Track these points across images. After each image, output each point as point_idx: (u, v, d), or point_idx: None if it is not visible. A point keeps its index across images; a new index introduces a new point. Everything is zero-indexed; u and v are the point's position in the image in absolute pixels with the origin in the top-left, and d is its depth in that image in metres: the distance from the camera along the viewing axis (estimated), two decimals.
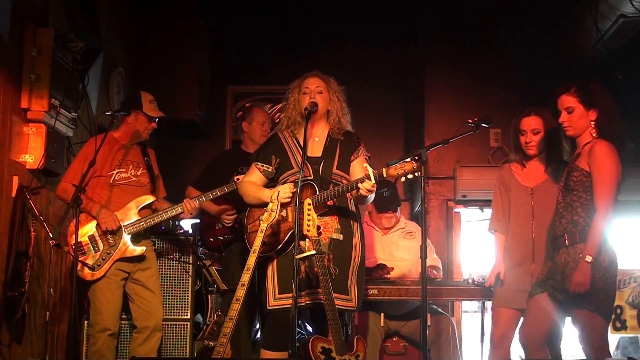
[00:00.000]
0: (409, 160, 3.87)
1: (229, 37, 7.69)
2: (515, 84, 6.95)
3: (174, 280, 5.26)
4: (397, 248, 5.41)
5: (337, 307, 4.00)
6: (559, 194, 4.08)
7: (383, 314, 5.14)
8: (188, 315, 5.25)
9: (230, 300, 3.96)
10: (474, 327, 6.41)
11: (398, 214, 5.50)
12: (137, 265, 4.82)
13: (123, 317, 4.92)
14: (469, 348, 6.31)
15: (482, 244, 6.89)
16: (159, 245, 5.23)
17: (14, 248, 4.62)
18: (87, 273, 4.65)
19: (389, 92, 7.73)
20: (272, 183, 4.38)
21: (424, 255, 3.77)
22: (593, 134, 3.97)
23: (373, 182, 3.96)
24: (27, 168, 4.84)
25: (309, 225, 3.91)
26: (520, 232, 4.49)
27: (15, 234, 4.65)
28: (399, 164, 3.90)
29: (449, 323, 5.20)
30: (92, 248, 4.70)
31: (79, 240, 4.55)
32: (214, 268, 5.56)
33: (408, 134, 7.66)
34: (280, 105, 4.59)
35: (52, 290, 4.88)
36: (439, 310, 5.31)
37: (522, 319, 4.35)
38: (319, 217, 4.09)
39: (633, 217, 6.74)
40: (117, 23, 6.59)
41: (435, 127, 6.96)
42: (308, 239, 3.97)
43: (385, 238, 5.44)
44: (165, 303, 5.06)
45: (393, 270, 5.13)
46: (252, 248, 4.03)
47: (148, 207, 4.88)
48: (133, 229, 4.76)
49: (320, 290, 3.97)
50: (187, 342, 5.23)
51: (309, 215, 3.93)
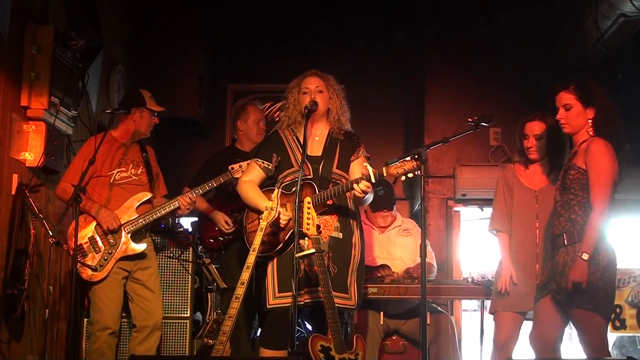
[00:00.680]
0: (409, 159, 3.87)
1: (229, 35, 7.68)
2: (515, 83, 6.94)
3: (174, 279, 5.26)
4: (394, 246, 5.42)
5: (336, 305, 4.01)
6: (556, 193, 4.08)
7: (382, 313, 5.14)
8: (187, 314, 5.24)
9: (230, 299, 3.97)
10: (474, 325, 6.42)
11: (394, 212, 5.50)
12: (137, 264, 4.82)
13: (123, 316, 4.91)
14: (469, 347, 6.31)
15: (481, 243, 6.90)
16: (159, 244, 5.22)
17: (14, 246, 4.62)
18: (89, 274, 4.64)
19: (389, 90, 7.72)
20: (271, 181, 4.39)
21: (424, 255, 3.76)
22: (590, 133, 3.97)
23: (373, 180, 3.96)
24: (26, 166, 4.83)
25: (309, 224, 3.91)
26: (524, 234, 4.49)
27: (15, 232, 4.64)
28: (399, 163, 3.90)
29: (449, 322, 5.20)
30: (92, 249, 4.69)
31: (79, 243, 4.55)
32: (214, 266, 5.56)
33: (408, 133, 7.65)
34: (280, 104, 4.58)
35: (51, 288, 4.88)
36: (439, 309, 5.32)
37: (531, 323, 4.32)
38: (319, 215, 4.10)
39: (632, 216, 6.74)
40: (117, 21, 6.58)
41: (435, 125, 6.95)
42: (308, 238, 3.97)
43: (383, 236, 5.44)
44: (165, 301, 5.06)
45: (395, 274, 5.15)
46: (251, 246, 4.03)
47: (147, 204, 4.88)
48: (132, 227, 4.76)
49: (320, 289, 3.98)
50: (186, 340, 5.22)
51: (309, 214, 3.94)
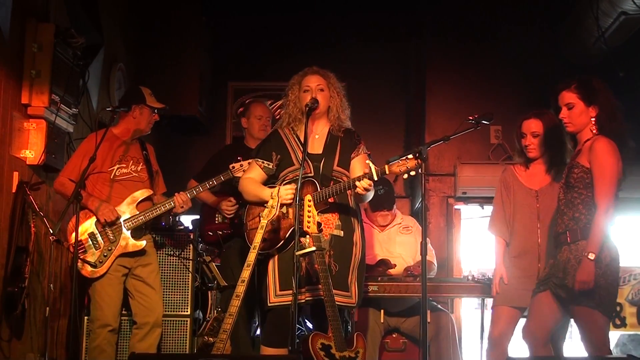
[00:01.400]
0: (411, 157, 3.86)
1: (230, 33, 7.68)
2: (516, 81, 6.94)
3: (174, 277, 5.25)
4: (394, 244, 5.42)
5: (337, 303, 4.00)
6: (560, 191, 4.08)
7: (383, 311, 5.14)
8: (188, 312, 5.24)
9: (230, 297, 3.97)
10: (474, 323, 6.41)
11: (394, 211, 5.50)
12: (138, 261, 4.82)
13: (123, 313, 4.92)
14: (469, 345, 6.31)
15: (482, 241, 6.89)
16: (159, 242, 5.22)
17: (14, 243, 4.62)
18: (88, 270, 4.65)
19: (390, 88, 7.73)
20: (272, 180, 4.38)
21: (424, 253, 3.76)
22: (593, 131, 3.96)
23: (375, 178, 3.95)
24: (27, 164, 4.84)
25: (309, 222, 3.91)
26: (526, 234, 4.49)
27: (16, 230, 4.65)
28: (401, 161, 3.89)
29: (449, 320, 5.20)
30: (92, 245, 4.69)
31: (80, 239, 4.55)
32: (214, 264, 5.56)
33: (409, 131, 7.65)
34: (281, 102, 4.57)
35: (52, 286, 4.88)
36: (439, 307, 5.32)
37: (525, 317, 4.34)
38: (320, 213, 4.10)
39: (633, 214, 6.74)
40: (118, 19, 6.58)
41: (436, 123, 6.95)
42: (308, 236, 3.97)
43: (383, 235, 5.44)
44: (165, 299, 5.06)
45: (392, 263, 5.15)
46: (252, 244, 4.03)
47: (147, 201, 4.88)
48: (132, 224, 4.76)
49: (321, 287, 3.98)
50: (186, 338, 5.22)
51: (309, 212, 3.93)
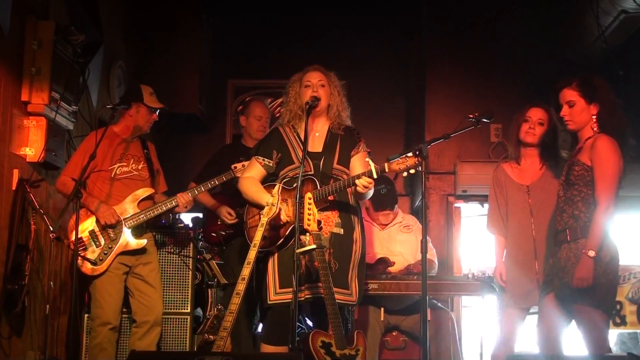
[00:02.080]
0: (411, 155, 3.86)
1: (230, 30, 7.68)
2: (516, 80, 6.93)
3: (174, 274, 5.26)
4: (395, 243, 5.42)
5: (337, 301, 4.00)
6: (560, 188, 4.08)
7: (383, 309, 5.14)
8: (188, 309, 5.25)
9: (231, 294, 3.97)
10: (474, 322, 6.41)
11: (395, 210, 5.50)
12: (138, 259, 4.82)
13: (123, 311, 4.91)
14: (469, 343, 6.31)
15: (482, 239, 6.89)
16: (160, 240, 5.21)
17: (14, 241, 4.62)
18: (89, 268, 4.65)
19: (390, 86, 7.73)
20: (272, 178, 4.38)
21: (425, 251, 3.77)
22: (594, 129, 3.96)
23: (375, 176, 3.95)
24: (27, 161, 4.84)
25: (310, 220, 3.91)
26: (521, 231, 4.48)
27: (16, 227, 4.65)
28: (402, 159, 3.89)
29: (449, 318, 5.20)
30: (92, 243, 4.69)
31: (80, 236, 4.55)
32: (214, 262, 5.56)
33: (408, 129, 7.65)
34: (281, 100, 4.57)
35: (52, 284, 4.88)
36: (439, 305, 5.32)
37: (536, 317, 4.33)
38: (320, 211, 4.09)
39: (633, 212, 6.74)
40: (118, 16, 6.58)
41: (436, 122, 6.94)
42: (308, 234, 3.97)
43: (384, 233, 5.44)
44: (166, 297, 5.06)
45: (392, 261, 5.15)
46: (252, 242, 4.03)
47: (148, 200, 4.87)
48: (133, 222, 4.76)
49: (321, 285, 3.98)
50: (187, 335, 5.23)
51: (310, 210, 3.93)
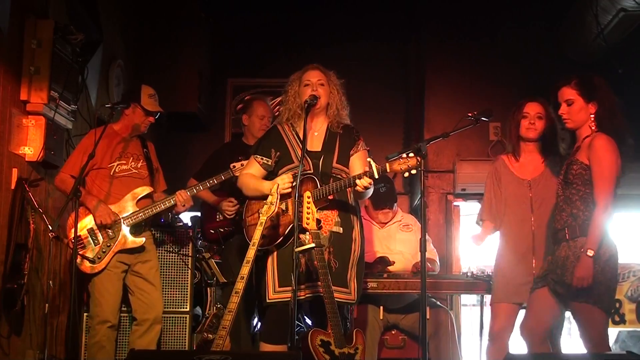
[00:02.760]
0: (412, 156, 3.86)
1: (229, 29, 7.68)
2: (516, 78, 6.93)
3: (174, 273, 5.26)
4: (394, 241, 5.42)
5: (336, 300, 4.01)
6: (559, 187, 4.08)
7: (382, 307, 5.14)
8: (187, 308, 5.25)
9: (230, 293, 3.97)
10: (473, 320, 6.42)
11: (395, 209, 5.50)
12: (137, 258, 4.82)
13: (123, 309, 4.92)
14: (468, 341, 6.32)
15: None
16: (159, 238, 5.22)
17: (14, 240, 4.62)
18: (87, 266, 4.65)
19: (389, 85, 7.73)
20: (271, 177, 4.38)
21: (424, 249, 3.77)
22: (593, 128, 3.96)
23: (376, 176, 3.95)
24: (26, 160, 4.84)
25: (309, 219, 3.91)
26: (520, 226, 4.48)
27: (15, 226, 4.65)
28: (402, 159, 3.89)
29: (448, 316, 5.21)
30: (91, 241, 4.69)
31: (79, 234, 4.55)
32: (213, 261, 5.56)
33: (408, 128, 7.65)
34: (280, 98, 4.57)
35: (51, 283, 4.89)
36: (438, 304, 5.32)
37: (523, 313, 4.34)
38: (319, 210, 4.09)
39: (632, 211, 6.74)
40: (117, 15, 6.58)
41: (435, 120, 6.95)
42: (308, 232, 3.97)
43: (383, 232, 5.44)
44: (165, 296, 5.06)
45: (391, 261, 5.15)
46: (251, 241, 4.03)
47: (147, 198, 4.87)
48: (132, 220, 4.76)
49: (320, 284, 3.98)
50: (186, 334, 5.23)
51: (309, 209, 3.93)
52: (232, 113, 7.68)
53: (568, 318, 4.31)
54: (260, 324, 5.04)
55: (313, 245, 3.92)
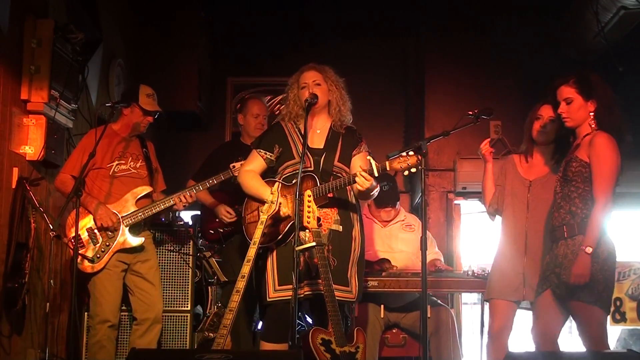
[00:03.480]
0: (412, 154, 3.86)
1: (229, 28, 7.68)
2: (516, 76, 6.94)
3: (174, 272, 5.26)
4: (396, 240, 5.42)
5: (337, 298, 4.00)
6: (557, 184, 4.08)
7: (383, 306, 5.14)
8: (188, 307, 5.25)
9: (230, 292, 3.97)
10: (474, 318, 6.43)
11: (397, 207, 5.50)
12: (137, 257, 4.82)
13: (123, 309, 4.92)
14: (469, 340, 6.32)
15: (482, 236, 6.91)
16: (159, 237, 5.22)
17: (14, 239, 4.62)
18: (87, 266, 4.65)
19: (389, 84, 7.73)
20: (271, 173, 4.38)
21: (424, 247, 3.77)
22: (592, 125, 3.96)
23: (376, 174, 3.96)
24: (27, 159, 4.84)
25: (309, 217, 3.91)
26: (514, 224, 4.47)
27: (16, 226, 4.65)
28: (402, 158, 3.89)
29: (449, 315, 5.21)
30: (91, 241, 4.69)
31: (78, 234, 4.55)
32: (214, 260, 5.56)
33: (408, 126, 7.65)
34: (280, 97, 4.58)
35: (52, 282, 4.89)
36: (439, 302, 5.32)
37: (529, 314, 4.33)
38: (319, 208, 4.09)
39: (632, 209, 6.75)
40: (117, 14, 6.58)
41: (436, 119, 6.95)
42: (308, 230, 3.97)
43: (385, 230, 5.44)
44: (165, 295, 5.06)
45: (394, 268, 5.15)
46: (252, 240, 4.03)
47: (146, 198, 4.87)
48: (131, 220, 4.76)
49: (320, 282, 3.98)
50: (187, 333, 5.23)
51: (309, 207, 3.93)
52: (232, 112, 7.68)
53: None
54: (261, 323, 5.04)
55: (314, 244, 3.92)
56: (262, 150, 4.37)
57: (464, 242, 6.94)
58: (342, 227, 4.23)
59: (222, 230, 5.31)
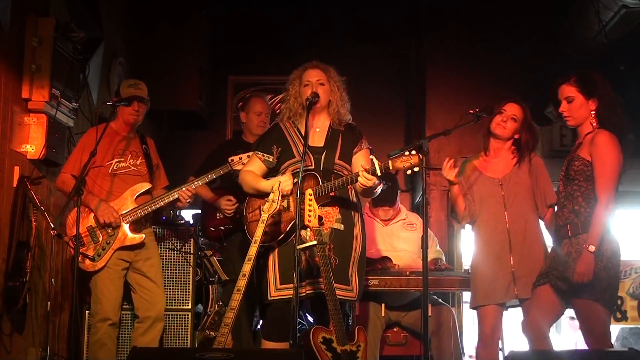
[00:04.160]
0: (414, 153, 3.86)
1: (230, 26, 7.67)
2: (517, 75, 6.93)
3: (175, 271, 5.25)
4: (398, 239, 5.41)
5: (337, 297, 4.00)
6: (560, 184, 4.08)
7: (384, 305, 5.14)
8: (189, 306, 5.25)
9: (232, 291, 3.97)
10: (474, 317, 6.41)
11: (397, 206, 5.49)
12: (138, 255, 4.82)
13: (125, 307, 4.92)
14: (469, 338, 6.32)
15: None
16: (160, 236, 5.22)
17: (15, 238, 4.62)
18: (88, 264, 4.66)
19: (390, 83, 7.73)
20: (272, 173, 4.38)
21: (425, 246, 3.77)
22: (593, 124, 3.96)
23: (379, 174, 3.95)
24: (28, 158, 4.84)
25: (310, 216, 3.91)
26: (494, 224, 4.39)
27: (17, 224, 4.65)
28: (405, 157, 3.89)
29: (450, 314, 5.21)
30: (91, 239, 4.70)
31: (79, 232, 4.55)
32: (215, 258, 5.56)
33: (409, 125, 7.65)
34: (281, 96, 4.57)
35: (53, 280, 4.88)
36: (440, 301, 5.32)
37: (520, 312, 4.33)
38: (320, 207, 4.10)
39: (634, 208, 6.74)
40: (118, 13, 6.58)
41: (436, 118, 6.95)
42: (309, 229, 3.97)
43: (386, 229, 5.44)
44: (167, 293, 5.05)
45: (396, 266, 5.14)
46: (253, 238, 4.03)
47: (146, 195, 4.87)
48: (131, 218, 4.75)
49: (321, 280, 3.98)
50: (188, 332, 5.23)
51: (310, 206, 3.93)
52: (233, 110, 7.68)
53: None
54: (262, 322, 5.04)
55: (315, 243, 3.92)
56: (259, 153, 4.37)
57: (465, 241, 6.93)
58: (343, 225, 4.23)
59: (222, 228, 5.31)
